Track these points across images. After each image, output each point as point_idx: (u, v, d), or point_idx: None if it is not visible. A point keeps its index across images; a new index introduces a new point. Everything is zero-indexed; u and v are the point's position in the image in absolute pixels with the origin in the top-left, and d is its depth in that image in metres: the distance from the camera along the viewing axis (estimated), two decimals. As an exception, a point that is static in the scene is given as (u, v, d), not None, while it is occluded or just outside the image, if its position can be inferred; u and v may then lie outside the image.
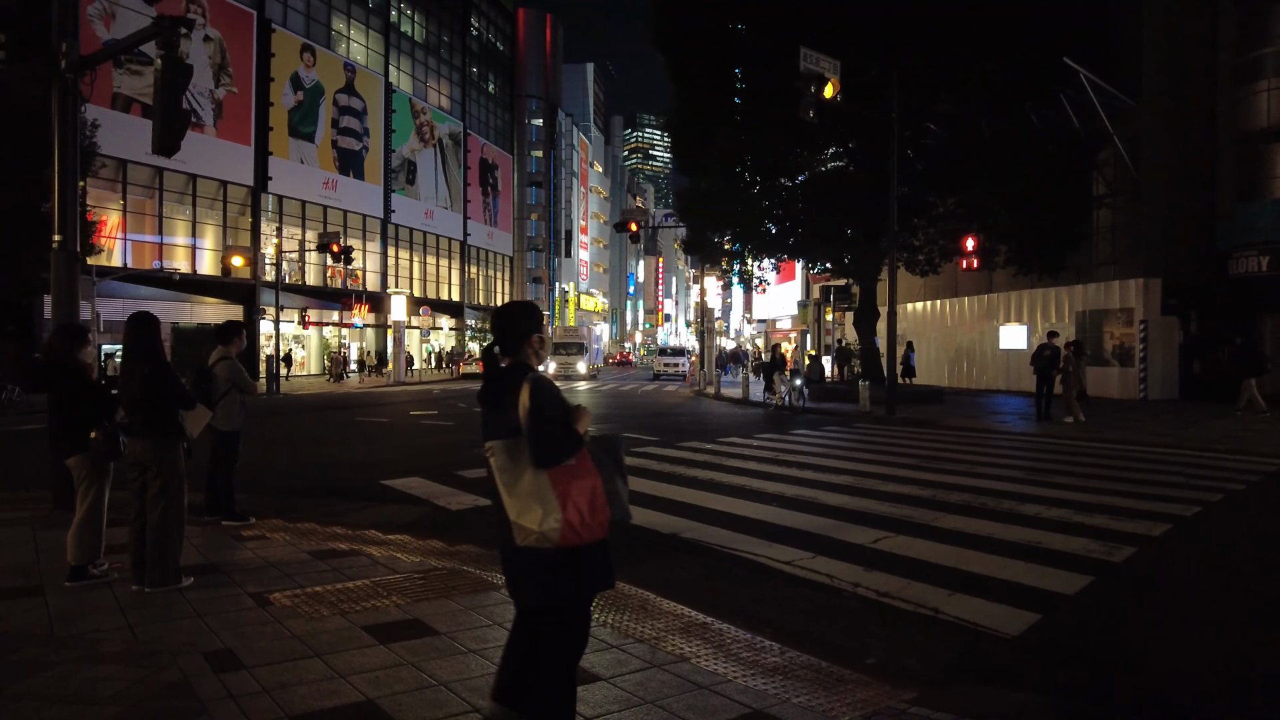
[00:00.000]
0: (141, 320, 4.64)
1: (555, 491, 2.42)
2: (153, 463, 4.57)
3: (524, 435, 2.45)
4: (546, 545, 2.42)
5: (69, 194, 6.68)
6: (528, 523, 2.40)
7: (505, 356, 2.64)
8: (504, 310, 2.72)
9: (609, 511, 2.54)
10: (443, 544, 6.09)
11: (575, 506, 2.43)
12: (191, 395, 4.76)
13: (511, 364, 2.62)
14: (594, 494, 2.49)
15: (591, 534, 2.47)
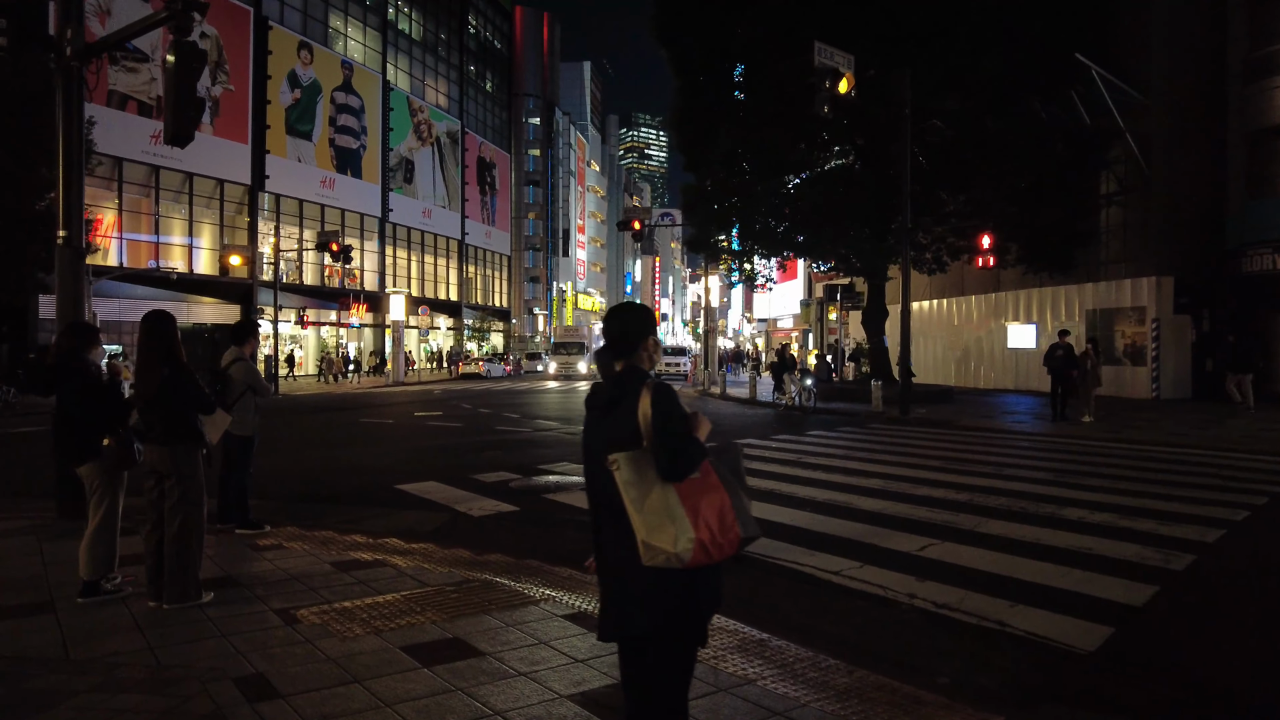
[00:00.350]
0: (157, 319, 4.35)
1: (685, 508, 2.20)
2: (171, 471, 4.28)
3: (647, 446, 2.23)
4: (675, 566, 2.19)
5: (74, 188, 6.38)
6: (661, 543, 2.17)
7: (619, 360, 2.41)
8: (618, 311, 2.50)
9: (738, 529, 2.29)
10: (469, 553, 5.81)
11: (706, 524, 2.21)
12: (211, 399, 4.47)
13: (626, 368, 2.40)
14: (723, 510, 2.26)
15: (721, 553, 2.25)
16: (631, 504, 2.22)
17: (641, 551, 2.21)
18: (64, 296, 6.42)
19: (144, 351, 4.30)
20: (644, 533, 2.20)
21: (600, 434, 2.37)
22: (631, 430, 2.26)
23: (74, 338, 4.54)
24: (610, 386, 2.39)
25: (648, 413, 2.23)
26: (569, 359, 39.81)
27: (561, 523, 6.92)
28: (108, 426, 4.35)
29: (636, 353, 2.41)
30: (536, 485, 8.51)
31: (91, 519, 4.43)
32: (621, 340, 2.43)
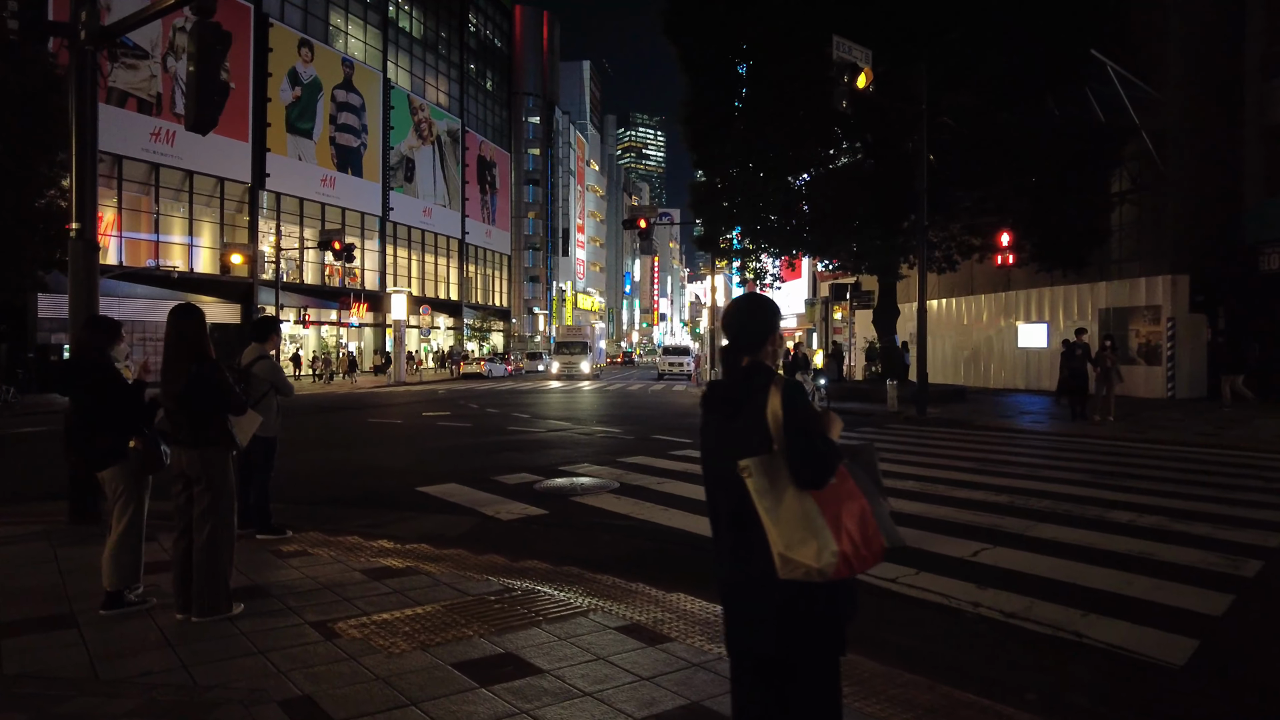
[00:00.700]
0: (185, 314, 4.09)
1: (825, 517, 1.98)
2: (201, 475, 4.02)
3: (778, 450, 2.01)
4: (815, 580, 1.96)
5: (87, 179, 6.11)
6: (803, 556, 1.95)
7: (743, 355, 2.20)
8: (742, 305, 2.29)
9: (881, 538, 2.07)
10: (505, 560, 5.55)
11: (848, 534, 2.00)
12: (243, 399, 4.20)
13: (750, 365, 2.18)
14: (864, 518, 2.05)
15: (864, 565, 2.03)
16: (766, 514, 2.00)
17: (778, 565, 2.00)
18: (76, 291, 6.15)
19: (171, 348, 4.03)
20: (781, 545, 1.98)
21: (724, 437, 2.15)
22: (760, 433, 2.05)
23: (95, 333, 4.27)
24: (733, 385, 2.17)
25: (778, 413, 2.03)
26: (572, 359, 39.51)
27: (595, 527, 6.67)
28: (133, 428, 4.09)
29: (762, 348, 2.21)
30: (562, 488, 8.26)
31: (115, 526, 4.17)
32: (745, 335, 2.22)
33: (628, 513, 7.09)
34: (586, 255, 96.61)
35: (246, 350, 6.11)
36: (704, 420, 2.29)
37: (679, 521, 6.76)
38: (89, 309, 6.19)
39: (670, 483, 8.45)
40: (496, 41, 68.56)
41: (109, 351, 4.23)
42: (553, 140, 77.59)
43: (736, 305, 2.29)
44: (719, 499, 2.18)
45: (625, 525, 6.70)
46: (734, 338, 2.23)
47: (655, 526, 6.64)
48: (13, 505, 7.43)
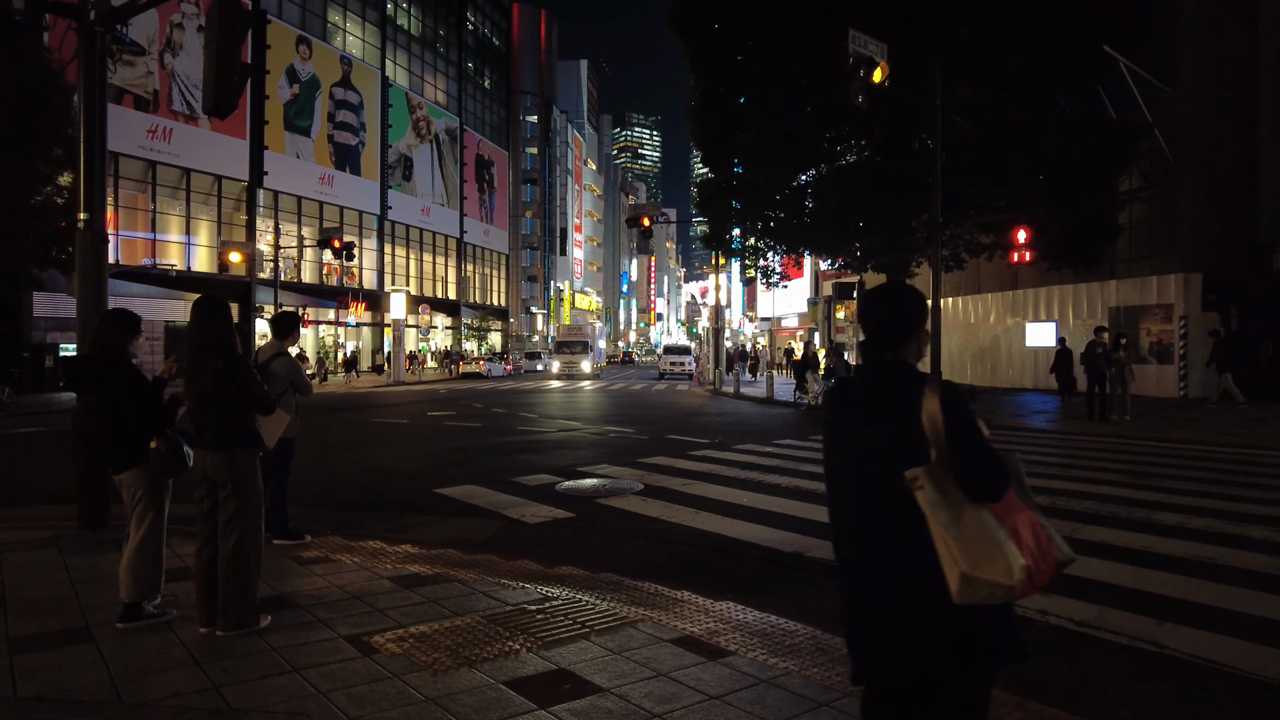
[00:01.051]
0: (211, 305, 3.81)
1: (1005, 531, 1.73)
2: (227, 479, 3.74)
3: (936, 459, 1.80)
4: (1000, 600, 1.73)
5: (95, 168, 5.83)
6: (993, 574, 1.73)
7: (884, 352, 1.93)
8: (886, 295, 2.04)
9: (1054, 551, 1.83)
10: (538, 565, 5.29)
11: (1028, 549, 1.80)
12: (272, 398, 3.92)
13: (895, 363, 1.95)
14: (1036, 529, 1.84)
15: (1041, 580, 1.84)
16: (944, 529, 1.75)
17: (957, 586, 1.75)
18: (85, 285, 5.87)
19: (196, 343, 3.75)
20: (966, 564, 1.73)
21: (863, 445, 1.89)
22: (913, 440, 1.79)
23: (114, 328, 3.99)
24: (874, 385, 1.92)
25: (936, 418, 1.79)
26: (573, 358, 39.20)
27: (626, 531, 6.40)
28: (154, 428, 3.82)
29: (908, 344, 1.96)
30: (584, 489, 7.99)
31: (133, 534, 3.89)
32: (889, 328, 1.96)
33: (658, 515, 6.83)
34: (584, 255, 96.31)
35: (264, 346, 5.83)
36: (831, 423, 2.04)
37: (712, 525, 6.50)
38: (98, 304, 5.90)
39: (696, 484, 8.19)
40: (494, 40, 68.22)
41: (128, 347, 3.95)
42: (550, 139, 77.29)
43: (878, 294, 2.03)
44: (856, 513, 1.93)
45: (657, 529, 6.43)
46: (875, 331, 1.98)
47: (689, 530, 6.38)
48: (17, 508, 7.13)
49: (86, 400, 4.13)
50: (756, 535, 6.17)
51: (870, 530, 1.88)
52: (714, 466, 9.37)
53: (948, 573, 1.76)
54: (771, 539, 6.06)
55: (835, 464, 2.02)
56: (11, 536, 5.71)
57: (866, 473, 1.87)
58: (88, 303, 5.87)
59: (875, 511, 1.86)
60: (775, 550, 5.78)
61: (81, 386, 3.85)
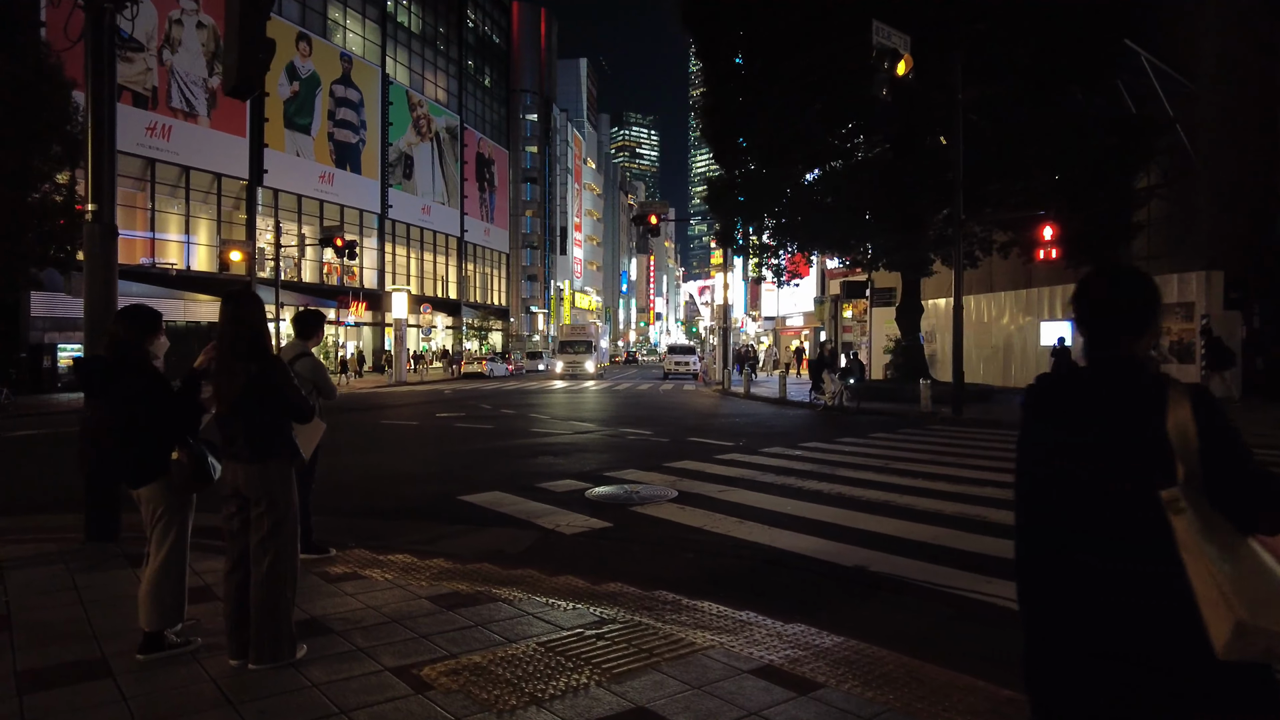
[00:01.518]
0: (243, 301, 3.42)
1: None
2: (260, 495, 3.35)
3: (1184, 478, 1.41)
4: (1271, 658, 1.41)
5: (104, 156, 5.44)
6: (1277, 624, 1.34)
7: (1116, 344, 1.61)
8: (1125, 274, 1.67)
9: None
10: (585, 582, 4.90)
11: None
12: (310, 403, 3.53)
13: (1128, 359, 1.59)
14: None
15: None
16: (1214, 565, 1.39)
17: (1229, 636, 1.39)
18: (94, 282, 5.47)
19: (226, 343, 3.37)
20: (1246, 610, 1.36)
21: (1093, 456, 1.52)
22: (1156, 453, 1.45)
23: (130, 326, 3.60)
24: (1101, 385, 1.58)
25: (1188, 428, 1.44)
26: (576, 358, 38.79)
27: (668, 543, 6.02)
28: (176, 436, 3.43)
29: (1145, 336, 1.59)
30: (616, 496, 7.60)
31: (153, 555, 3.49)
32: (1127, 317, 1.61)
33: (700, 525, 6.45)
34: (584, 254, 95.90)
35: (286, 346, 5.45)
36: (1032, 429, 1.67)
37: (760, 535, 6.13)
38: (107, 302, 5.51)
39: (732, 491, 7.82)
40: (494, 38, 67.81)
41: (147, 347, 3.56)
42: (550, 138, 76.87)
43: (1115, 277, 1.66)
44: (1072, 544, 1.56)
45: (702, 540, 6.06)
46: (1110, 319, 1.61)
47: (735, 541, 6.00)
48: (20, 518, 6.73)
49: (98, 406, 3.74)
50: (810, 547, 5.79)
51: (1096, 565, 1.51)
52: (745, 471, 8.99)
53: (1213, 621, 1.40)
54: (827, 551, 5.68)
55: (1038, 482, 1.65)
56: (15, 551, 5.31)
57: (1090, 494, 1.50)
58: (96, 301, 5.48)
59: (1104, 542, 1.49)
60: (834, 564, 5.41)
61: (93, 390, 3.46)
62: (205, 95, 34.13)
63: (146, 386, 3.46)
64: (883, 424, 14.91)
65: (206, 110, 34.13)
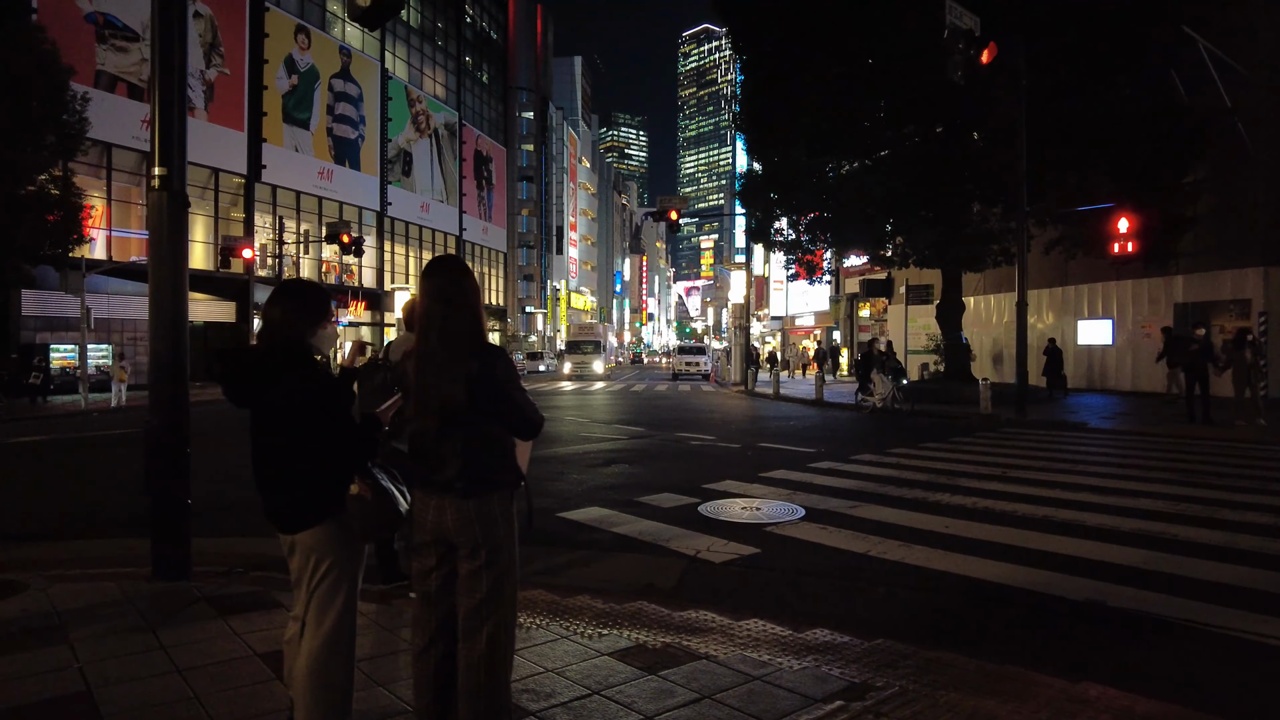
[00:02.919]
0: (454, 271, 2.46)
1: None
2: (477, 542, 2.39)
3: None
4: None
5: (174, 107, 4.46)
6: None
7: None
8: None
9: None
10: (781, 628, 3.99)
11: None
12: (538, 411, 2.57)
13: None
14: None
15: None
16: None
17: None
18: (160, 261, 4.49)
19: (434, 329, 2.40)
20: None
21: None
22: None
23: (292, 308, 2.57)
24: None
25: None
26: (584, 359, 37.81)
27: (838, 572, 5.10)
28: (356, 462, 2.48)
29: None
30: (737, 515, 6.68)
31: (313, 627, 2.51)
32: None
33: (862, 550, 5.54)
34: (579, 254, 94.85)
35: (396, 341, 4.52)
36: None
37: (938, 562, 5.22)
38: (177, 287, 4.53)
39: (864, 507, 6.92)
40: (492, 34, 66.75)
41: (309, 337, 2.62)
42: (546, 136, 75.83)
43: None
44: None
45: (877, 570, 5.15)
46: None
47: (917, 570, 5.09)
48: (57, 544, 5.74)
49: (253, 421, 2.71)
50: (1012, 576, 4.90)
51: None
52: (857, 483, 8.08)
53: None
54: (1039, 581, 4.78)
55: None
56: (70, 592, 4.32)
57: None
58: (163, 282, 4.49)
59: None
60: (1061, 598, 4.51)
61: (244, 396, 2.48)
62: (202, 87, 32.90)
63: (318, 394, 2.50)
64: (947, 427, 14.06)
65: (204, 103, 32.90)
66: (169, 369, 4.49)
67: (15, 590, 4.34)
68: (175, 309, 4.50)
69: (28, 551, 5.46)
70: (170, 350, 4.49)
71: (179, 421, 4.48)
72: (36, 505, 7.59)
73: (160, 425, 4.41)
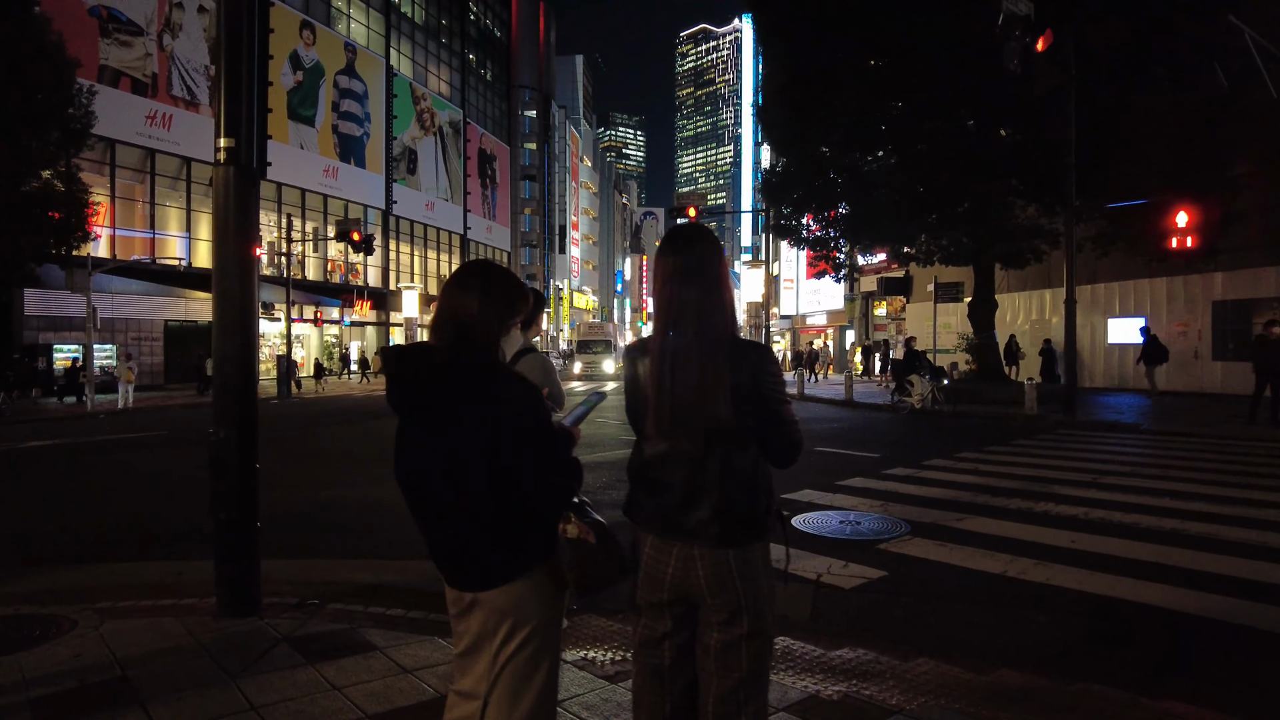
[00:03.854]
0: (702, 247, 1.85)
1: None
2: (739, 603, 1.80)
3: None
4: None
5: (242, 72, 3.89)
6: None
7: None
8: None
9: None
10: (964, 672, 3.42)
11: None
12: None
13: None
14: None
15: None
16: None
17: None
18: (226, 244, 3.90)
19: (687, 316, 1.79)
20: None
21: None
22: None
23: (496, 296, 1.97)
24: None
25: None
26: (594, 358, 37.22)
27: (986, 597, 4.52)
28: (564, 497, 1.89)
29: None
30: (838, 529, 6.10)
31: (503, 711, 1.85)
32: None
33: (998, 570, 4.97)
34: (581, 253, 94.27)
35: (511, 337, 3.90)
36: None
37: (1092, 584, 4.65)
38: (244, 278, 3.94)
39: (970, 519, 6.35)
40: (496, 31, 66.17)
41: (498, 337, 2.03)
42: (549, 135, 75.24)
43: None
44: None
45: (1026, 594, 4.58)
46: None
47: (1072, 594, 4.52)
48: (90, 567, 5.14)
49: (420, 436, 1.95)
50: (1183, 602, 4.33)
51: None
52: (947, 491, 7.51)
53: None
54: (1216, 608, 4.22)
55: None
56: (126, 631, 3.72)
57: None
58: (230, 275, 3.90)
59: None
60: (1246, 626, 3.95)
61: (426, 411, 1.85)
62: (207, 83, 32.23)
63: (533, 404, 1.90)
64: (997, 429, 13.49)
65: (209, 99, 32.22)
66: (237, 372, 3.90)
67: (62, 629, 3.75)
68: (244, 301, 3.91)
69: (65, 577, 4.86)
70: (239, 350, 3.90)
71: (249, 434, 3.89)
72: (63, 521, 6.98)
73: (227, 439, 3.81)
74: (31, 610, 4.05)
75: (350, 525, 6.56)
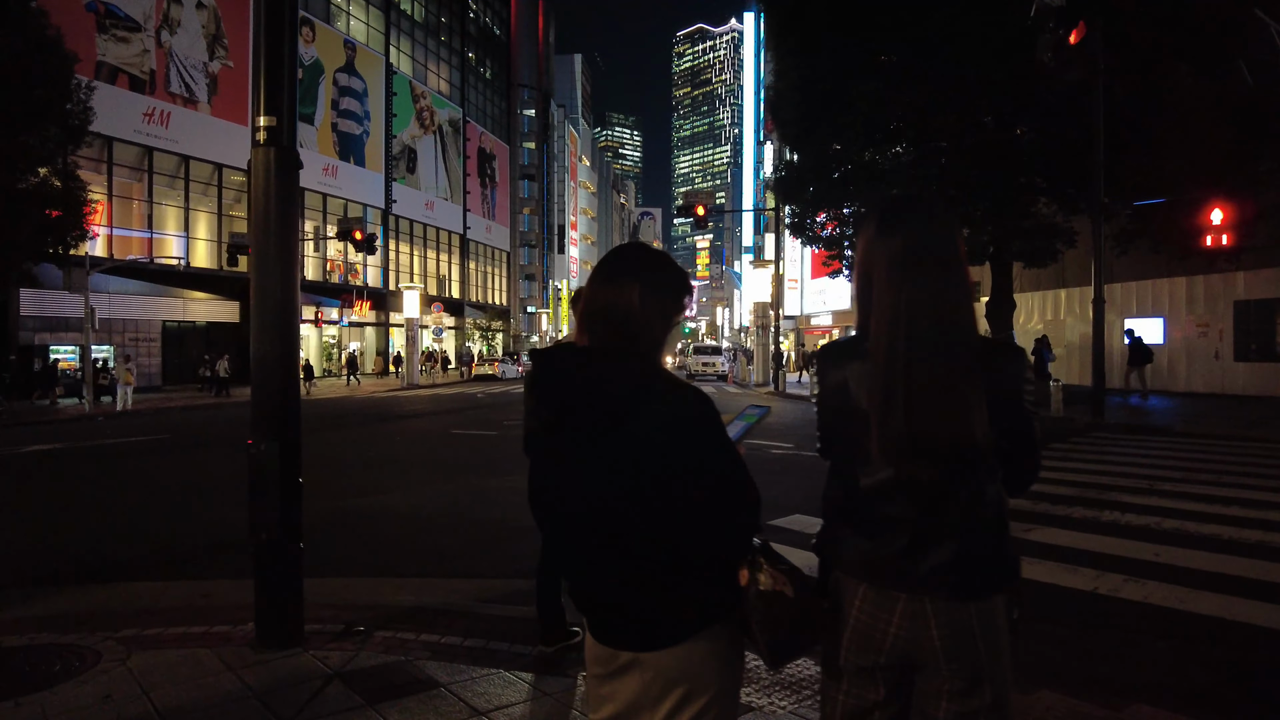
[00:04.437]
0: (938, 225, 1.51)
1: None
2: (981, 670, 1.43)
3: None
4: None
5: (282, 47, 3.51)
6: None
7: None
8: None
9: None
10: (1098, 709, 3.06)
11: None
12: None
13: None
14: None
15: None
16: None
17: None
18: (266, 234, 3.52)
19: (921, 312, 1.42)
20: None
21: None
22: None
23: (660, 289, 1.57)
24: None
25: None
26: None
27: (1092, 622, 4.17)
28: (744, 538, 1.53)
29: None
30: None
31: None
32: None
33: (1090, 589, 4.62)
34: (579, 253, 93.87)
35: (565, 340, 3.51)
36: None
37: (1194, 603, 4.30)
38: (285, 272, 3.56)
39: (1038, 529, 6.02)
40: (495, 29, 65.74)
41: (664, 335, 1.57)
42: (549, 134, 74.87)
43: None
44: None
45: (1126, 614, 4.23)
46: None
47: (1176, 615, 4.17)
48: (112, 585, 4.75)
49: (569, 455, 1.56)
50: None
51: None
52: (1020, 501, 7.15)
53: None
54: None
55: None
56: (157, 666, 3.34)
57: None
58: (270, 268, 3.51)
59: None
60: None
61: (572, 422, 1.48)
62: (206, 80, 31.81)
63: (715, 424, 1.52)
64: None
65: (207, 96, 31.82)
66: (279, 377, 3.52)
67: (86, 661, 3.37)
68: (285, 298, 3.53)
69: (82, 599, 4.48)
70: (280, 352, 3.52)
71: (292, 446, 3.51)
72: (73, 534, 6.59)
73: (269, 452, 3.44)
74: (50, 639, 3.67)
75: (377, 537, 6.19)
